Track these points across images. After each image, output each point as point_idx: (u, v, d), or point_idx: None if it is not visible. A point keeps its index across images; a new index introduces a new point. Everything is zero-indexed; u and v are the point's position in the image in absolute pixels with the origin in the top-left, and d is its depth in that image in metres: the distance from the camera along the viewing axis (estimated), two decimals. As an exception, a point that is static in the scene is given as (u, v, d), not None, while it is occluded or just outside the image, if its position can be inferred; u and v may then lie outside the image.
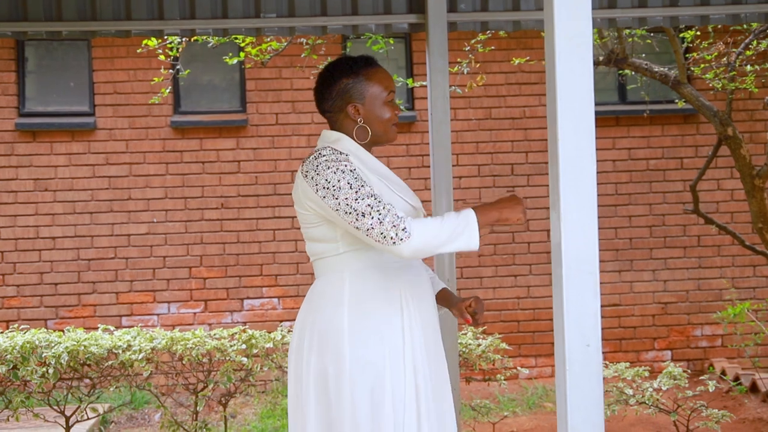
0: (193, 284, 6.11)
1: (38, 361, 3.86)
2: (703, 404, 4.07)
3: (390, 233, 2.02)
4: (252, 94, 6.15)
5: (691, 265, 6.33)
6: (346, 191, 2.06)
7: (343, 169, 2.08)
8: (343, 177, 2.07)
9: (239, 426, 5.36)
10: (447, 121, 3.29)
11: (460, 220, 2.02)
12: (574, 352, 1.58)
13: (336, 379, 2.12)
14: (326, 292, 2.19)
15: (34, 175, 6.04)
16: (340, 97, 2.21)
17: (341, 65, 2.25)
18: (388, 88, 2.25)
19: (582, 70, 1.56)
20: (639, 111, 6.13)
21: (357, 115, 2.20)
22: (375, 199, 2.05)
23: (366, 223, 2.04)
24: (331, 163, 2.09)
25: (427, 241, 2.02)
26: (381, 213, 2.03)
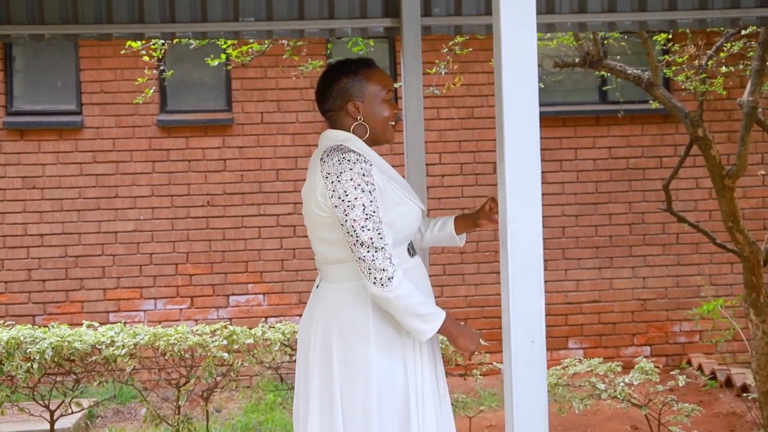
0: (180, 281, 6.19)
1: (23, 357, 3.94)
2: (673, 398, 4.17)
3: (376, 275, 2.12)
4: (237, 94, 6.22)
5: (669, 262, 6.44)
6: (358, 213, 2.12)
7: (364, 188, 2.14)
8: (362, 197, 2.13)
9: (224, 420, 5.45)
10: (421, 122, 3.37)
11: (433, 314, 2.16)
12: (519, 348, 1.67)
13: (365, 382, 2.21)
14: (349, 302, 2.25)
15: (22, 173, 6.10)
16: (341, 96, 2.29)
17: (341, 66, 2.34)
18: (387, 87, 2.33)
19: (527, 75, 1.65)
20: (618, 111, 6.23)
21: (357, 113, 2.28)
22: (378, 234, 2.13)
23: (361, 252, 2.13)
24: (356, 175, 2.14)
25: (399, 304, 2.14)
26: (378, 252, 2.12)
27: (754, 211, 6.41)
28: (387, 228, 2.17)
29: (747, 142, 4.14)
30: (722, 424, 5.23)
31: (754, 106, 4.10)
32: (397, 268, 2.14)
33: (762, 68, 4.11)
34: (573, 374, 4.20)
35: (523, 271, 1.67)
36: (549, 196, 6.37)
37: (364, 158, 2.19)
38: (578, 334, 6.40)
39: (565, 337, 6.40)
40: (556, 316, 6.38)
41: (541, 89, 6.33)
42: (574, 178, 6.39)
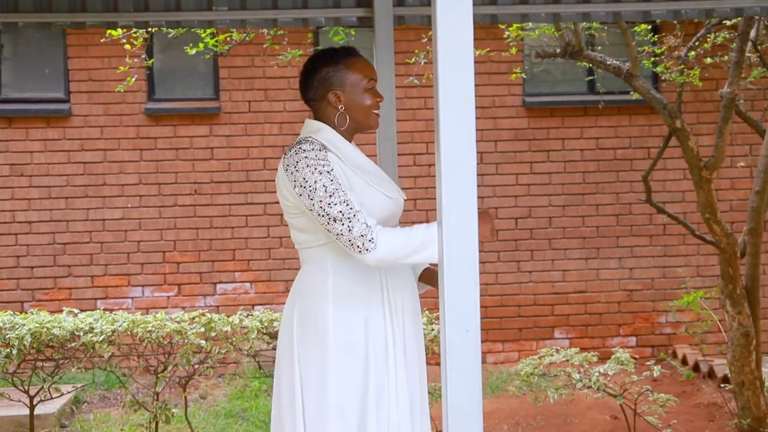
0: (167, 268, 6.22)
1: (2, 343, 3.97)
2: (648, 388, 4.20)
3: (357, 242, 2.12)
4: (225, 82, 6.24)
5: (656, 253, 6.45)
6: (321, 194, 2.15)
7: (320, 170, 2.16)
8: (320, 178, 2.16)
9: (208, 407, 5.50)
10: (393, 114, 3.38)
11: (428, 234, 2.13)
12: (454, 337, 1.69)
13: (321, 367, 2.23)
14: (311, 282, 2.28)
15: (10, 160, 6.13)
16: (322, 86, 2.30)
17: (322, 55, 2.35)
18: (368, 76, 2.34)
19: (462, 70, 1.67)
20: (607, 101, 6.22)
21: (338, 102, 2.29)
22: (347, 205, 2.14)
23: (336, 228, 2.14)
24: (310, 161, 2.17)
25: (393, 252, 2.13)
26: (351, 221, 2.13)
27: (742, 202, 6.41)
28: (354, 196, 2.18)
29: (725, 133, 4.15)
30: (702, 414, 5.25)
31: (732, 98, 4.10)
32: (374, 226, 2.14)
33: (741, 60, 4.11)
34: (549, 364, 4.22)
35: (458, 264, 1.69)
36: (536, 186, 6.38)
37: (320, 146, 2.22)
38: (564, 324, 6.42)
39: (551, 327, 6.42)
40: (542, 306, 6.40)
41: (528, 79, 6.34)
42: (561, 168, 6.40)
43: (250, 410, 5.36)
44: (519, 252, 6.38)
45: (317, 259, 2.29)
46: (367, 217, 2.16)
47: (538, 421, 5.09)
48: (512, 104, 6.36)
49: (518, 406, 5.31)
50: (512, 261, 6.37)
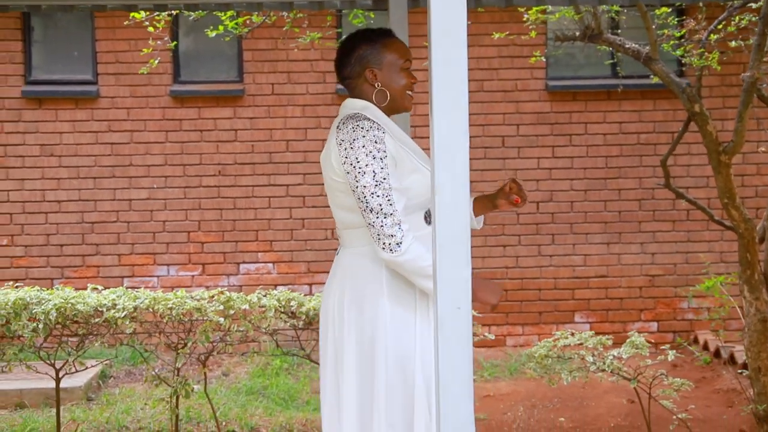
0: (192, 248, 6.34)
1: (29, 317, 4.10)
2: (663, 372, 4.20)
3: (384, 240, 2.18)
4: (249, 65, 6.31)
5: (679, 238, 6.41)
6: (368, 179, 2.19)
7: (375, 154, 2.19)
8: (373, 163, 2.19)
9: (230, 384, 5.61)
10: (407, 96, 3.41)
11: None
12: (445, 314, 1.74)
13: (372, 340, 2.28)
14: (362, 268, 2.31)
15: (41, 141, 6.27)
16: (359, 63, 2.34)
17: (360, 35, 2.39)
18: (404, 57, 2.37)
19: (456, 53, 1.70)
20: (631, 85, 6.19)
21: (374, 80, 2.33)
22: (388, 201, 2.18)
23: (371, 218, 2.19)
24: (368, 142, 2.20)
25: (412, 265, 2.19)
26: (386, 218, 2.18)
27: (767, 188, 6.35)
28: (398, 195, 2.22)
29: (745, 118, 4.11)
30: (721, 400, 5.24)
31: (753, 82, 4.07)
32: (407, 233, 2.18)
33: (762, 43, 4.06)
34: (563, 346, 4.24)
35: (450, 242, 1.73)
36: (558, 171, 6.37)
37: (377, 126, 2.24)
38: (585, 309, 6.43)
39: (571, 311, 6.43)
40: (562, 290, 6.41)
41: (551, 63, 6.32)
42: (583, 152, 6.38)
43: (270, 387, 5.47)
44: (540, 236, 6.39)
45: (363, 242, 2.30)
46: (404, 220, 2.19)
47: (554, 404, 5.13)
48: (535, 88, 6.35)
49: (535, 389, 5.34)
50: (533, 245, 6.39)
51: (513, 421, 4.83)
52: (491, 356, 6.14)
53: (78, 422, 4.70)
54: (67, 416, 4.78)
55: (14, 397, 5.07)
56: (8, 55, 6.24)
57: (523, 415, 4.92)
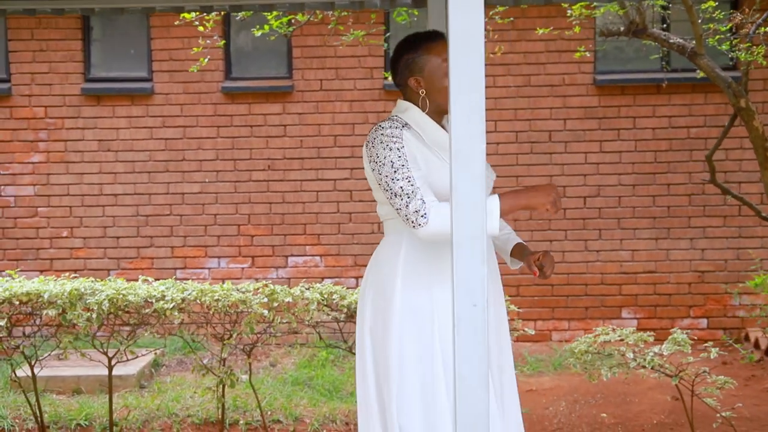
0: (242, 241, 6.49)
1: (84, 307, 4.28)
2: (705, 370, 4.16)
3: (411, 217, 2.26)
4: (298, 61, 6.42)
5: (730, 234, 6.31)
6: (387, 169, 2.30)
7: (391, 146, 2.31)
8: (389, 155, 2.30)
9: (277, 374, 5.74)
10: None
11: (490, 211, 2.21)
12: (462, 311, 1.80)
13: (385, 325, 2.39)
14: (385, 254, 2.46)
15: (99, 136, 6.50)
16: (404, 71, 2.45)
17: (405, 42, 2.49)
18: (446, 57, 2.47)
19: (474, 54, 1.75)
20: (681, 79, 6.11)
21: (419, 87, 2.42)
22: (408, 181, 2.28)
23: (396, 202, 2.29)
24: (384, 138, 2.33)
25: (443, 226, 2.23)
26: (409, 197, 2.26)
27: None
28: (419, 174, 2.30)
29: (792, 113, 4.04)
30: (770, 399, 5.16)
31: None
32: (431, 203, 2.25)
33: (810, 37, 3.99)
34: (603, 342, 4.24)
35: (466, 240, 1.78)
36: (605, 165, 6.33)
37: (397, 125, 2.36)
38: (632, 304, 6.38)
39: (618, 307, 6.39)
40: (609, 286, 6.37)
41: (600, 57, 6.27)
42: (632, 147, 6.32)
43: (316, 378, 5.58)
44: (587, 231, 6.36)
45: (395, 230, 2.44)
46: (426, 194, 2.26)
47: (596, 399, 5.12)
48: (582, 82, 6.31)
49: (578, 384, 5.34)
50: (579, 240, 6.36)
51: (554, 416, 4.85)
52: (536, 351, 6.15)
53: (130, 408, 4.88)
54: (120, 402, 4.98)
55: (72, 383, 5.29)
56: (69, 54, 6.48)
57: (564, 410, 4.93)
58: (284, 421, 4.84)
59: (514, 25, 6.18)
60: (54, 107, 6.47)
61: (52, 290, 4.30)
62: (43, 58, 6.46)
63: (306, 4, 3.66)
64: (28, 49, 6.46)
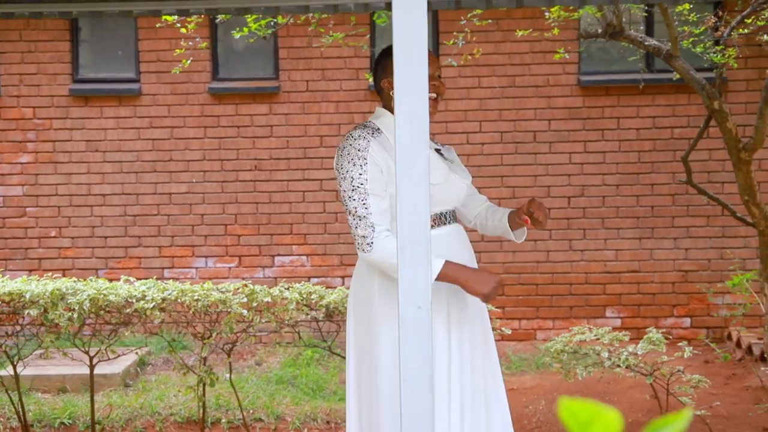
0: (229, 241, 6.54)
1: (65, 306, 4.32)
2: (680, 369, 4.21)
3: (358, 240, 2.36)
4: (284, 62, 6.46)
5: (714, 234, 6.35)
6: (347, 184, 2.38)
7: (356, 162, 2.38)
8: (352, 170, 2.38)
9: (262, 372, 5.79)
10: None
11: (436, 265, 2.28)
12: (407, 313, 1.84)
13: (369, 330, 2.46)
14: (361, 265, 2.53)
15: (87, 137, 6.55)
16: (379, 75, 2.56)
17: (385, 48, 2.58)
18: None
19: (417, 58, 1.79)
20: (665, 79, 6.13)
21: (390, 89, 2.49)
22: (363, 204, 2.35)
23: (349, 219, 2.41)
24: (352, 150, 2.40)
25: (383, 263, 2.33)
26: (360, 220, 2.34)
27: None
28: (376, 199, 2.37)
29: (765, 115, 4.08)
30: (750, 397, 5.20)
31: (774, 79, 4.03)
32: (381, 233, 2.33)
33: (784, 39, 4.03)
34: (578, 341, 4.28)
35: (411, 244, 1.82)
36: (589, 165, 6.37)
37: (366, 135, 2.42)
38: (616, 304, 6.42)
39: (602, 306, 6.43)
40: (593, 285, 6.41)
41: (584, 58, 6.31)
42: (615, 147, 6.36)
43: (300, 377, 5.62)
44: (571, 231, 6.40)
45: None
46: (379, 220, 2.34)
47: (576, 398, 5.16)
48: (566, 83, 6.35)
49: (559, 383, 5.38)
50: (564, 239, 6.40)
51: (533, 415, 4.89)
52: (520, 350, 6.19)
53: (114, 407, 4.93)
54: (104, 401, 5.02)
55: (57, 382, 5.34)
56: (57, 55, 6.53)
57: (543, 409, 4.97)
58: (266, 419, 4.88)
59: (499, 26, 6.22)
60: (42, 108, 6.52)
61: (33, 290, 4.34)
62: (31, 59, 6.50)
63: (281, 8, 3.70)
64: (16, 50, 6.51)
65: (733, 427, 4.70)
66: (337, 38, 4.56)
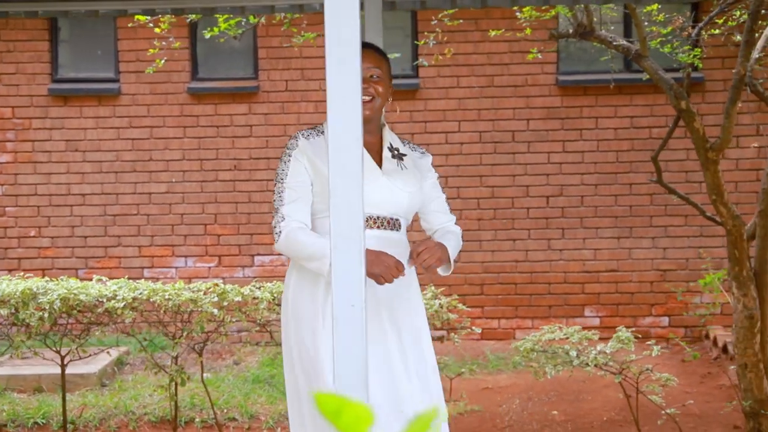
0: (208, 240, 6.54)
1: (36, 306, 4.33)
2: (648, 368, 4.22)
3: (273, 233, 2.51)
4: (263, 62, 6.47)
5: (692, 233, 6.37)
6: (276, 182, 2.55)
7: (283, 159, 2.56)
8: (279, 167, 2.56)
9: (239, 372, 5.80)
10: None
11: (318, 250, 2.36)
12: (340, 312, 1.85)
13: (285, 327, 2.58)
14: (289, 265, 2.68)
15: (66, 136, 6.55)
16: None
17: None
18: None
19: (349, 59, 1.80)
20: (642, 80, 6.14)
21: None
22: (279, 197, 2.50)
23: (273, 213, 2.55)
24: (286, 150, 2.57)
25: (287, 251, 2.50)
26: (276, 211, 2.51)
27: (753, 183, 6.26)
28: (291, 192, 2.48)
29: (732, 114, 4.09)
30: (723, 396, 5.22)
31: (740, 79, 4.05)
32: (288, 224, 2.44)
33: (750, 40, 4.04)
34: (547, 340, 4.30)
35: (344, 243, 1.84)
36: (568, 165, 6.38)
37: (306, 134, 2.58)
38: (595, 303, 6.44)
39: (581, 305, 6.45)
40: (572, 284, 6.43)
41: (563, 58, 6.32)
42: (594, 147, 6.38)
43: (277, 377, 5.63)
44: (550, 230, 6.42)
45: None
46: (289, 212, 2.44)
47: (550, 397, 5.18)
48: (545, 83, 6.36)
49: (534, 382, 5.38)
50: (543, 239, 6.42)
51: (507, 414, 4.90)
52: (498, 349, 6.20)
53: (88, 406, 4.94)
54: (79, 401, 5.03)
55: (33, 381, 5.34)
56: (36, 54, 6.53)
57: (517, 408, 4.99)
58: (240, 419, 4.89)
59: (478, 26, 6.23)
60: (21, 107, 6.52)
61: (4, 289, 4.35)
62: (10, 59, 6.50)
63: (247, 8, 3.71)
64: (-5, 50, 6.51)
65: (705, 425, 4.72)
66: (309, 38, 4.57)
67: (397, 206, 2.53)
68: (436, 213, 2.71)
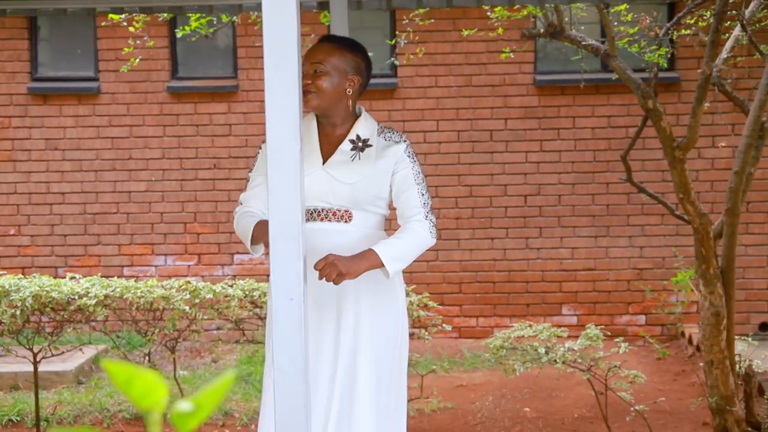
0: (188, 239, 6.56)
1: (9, 303, 4.35)
2: (616, 365, 4.26)
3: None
4: (243, 61, 6.49)
5: (668, 232, 6.41)
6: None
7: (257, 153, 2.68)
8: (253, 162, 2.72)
9: (217, 370, 5.82)
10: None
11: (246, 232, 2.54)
12: (279, 305, 1.88)
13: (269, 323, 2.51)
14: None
15: (46, 135, 6.56)
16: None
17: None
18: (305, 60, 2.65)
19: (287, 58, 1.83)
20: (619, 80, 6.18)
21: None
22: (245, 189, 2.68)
23: None
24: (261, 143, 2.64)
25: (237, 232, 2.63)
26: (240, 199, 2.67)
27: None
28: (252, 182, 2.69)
29: (698, 114, 4.14)
30: (695, 392, 5.26)
31: (706, 78, 4.09)
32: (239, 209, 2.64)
33: (716, 40, 4.08)
34: (516, 337, 4.33)
35: (283, 238, 1.86)
36: (545, 164, 6.42)
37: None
38: (572, 301, 6.47)
39: (559, 304, 6.48)
40: (550, 283, 6.46)
41: (540, 57, 6.36)
42: (571, 146, 6.41)
43: (255, 375, 5.65)
44: (527, 229, 6.45)
45: None
46: (244, 198, 2.60)
47: (523, 394, 5.21)
48: (522, 82, 6.40)
49: (508, 380, 5.42)
50: (520, 238, 6.45)
51: (479, 411, 4.94)
52: (476, 347, 6.23)
53: (63, 404, 4.95)
54: (54, 398, 5.04)
55: (9, 379, 5.36)
56: (16, 53, 6.54)
57: (490, 405, 5.02)
58: (214, 416, 4.91)
59: (456, 26, 6.26)
60: (1, 106, 6.53)
61: (-24, 287, 4.36)
62: (-10, 58, 6.51)
63: (215, 7, 3.74)
64: (-25, 48, 6.52)
65: (675, 422, 4.76)
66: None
67: (340, 198, 2.42)
68: (404, 207, 2.57)
